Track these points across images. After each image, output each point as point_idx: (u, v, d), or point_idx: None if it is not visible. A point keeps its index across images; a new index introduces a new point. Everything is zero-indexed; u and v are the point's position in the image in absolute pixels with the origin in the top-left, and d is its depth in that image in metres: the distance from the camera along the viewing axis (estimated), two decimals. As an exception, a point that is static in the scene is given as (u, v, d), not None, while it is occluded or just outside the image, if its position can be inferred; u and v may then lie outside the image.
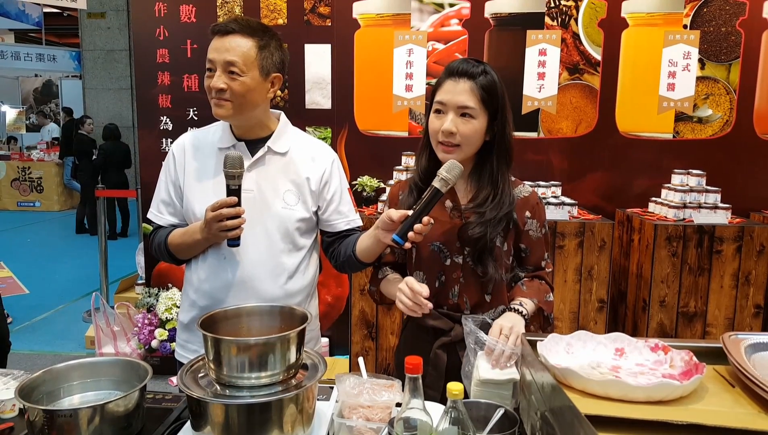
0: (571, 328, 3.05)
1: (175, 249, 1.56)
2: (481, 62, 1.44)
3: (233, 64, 1.44)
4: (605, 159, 3.47)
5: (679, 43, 3.35)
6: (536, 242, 1.52)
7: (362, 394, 1.20)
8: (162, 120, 3.72)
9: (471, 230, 1.43)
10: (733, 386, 1.01)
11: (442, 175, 1.33)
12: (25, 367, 2.64)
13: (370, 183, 3.48)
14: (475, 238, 1.42)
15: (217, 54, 1.45)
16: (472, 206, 1.46)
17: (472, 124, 1.40)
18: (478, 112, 1.40)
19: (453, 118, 1.40)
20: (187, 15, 3.60)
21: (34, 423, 1.07)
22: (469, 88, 1.39)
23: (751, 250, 2.95)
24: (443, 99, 1.41)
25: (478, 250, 1.44)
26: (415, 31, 3.48)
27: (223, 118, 1.50)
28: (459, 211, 1.48)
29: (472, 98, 1.39)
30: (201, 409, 1.07)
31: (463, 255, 1.47)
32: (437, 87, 1.45)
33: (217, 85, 1.44)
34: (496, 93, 1.41)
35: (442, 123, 1.40)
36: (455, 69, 1.41)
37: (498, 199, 1.44)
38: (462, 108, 1.39)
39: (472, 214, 1.45)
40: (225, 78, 1.44)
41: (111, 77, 10.09)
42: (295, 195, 1.55)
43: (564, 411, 0.89)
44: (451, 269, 1.48)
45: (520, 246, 1.52)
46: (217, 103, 1.47)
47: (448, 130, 1.39)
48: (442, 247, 1.47)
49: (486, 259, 1.44)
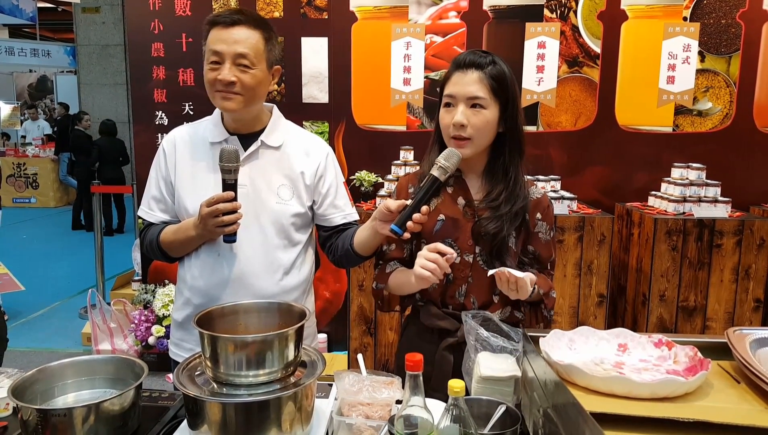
0: (571, 322, 3.04)
1: (167, 246, 1.52)
2: (489, 53, 1.41)
3: (244, 56, 1.41)
4: (605, 153, 3.45)
5: (678, 36, 3.33)
6: (545, 245, 1.50)
7: (362, 392, 1.18)
8: (157, 115, 3.69)
9: (486, 226, 1.40)
10: (738, 382, 0.99)
11: (440, 163, 1.31)
12: (21, 364, 2.62)
13: (368, 178, 3.46)
14: (492, 233, 1.40)
15: (225, 46, 1.40)
16: (485, 203, 1.43)
17: (483, 114, 1.37)
18: (488, 102, 1.37)
19: (463, 109, 1.37)
20: (182, 8, 3.57)
21: (28, 422, 1.05)
22: (478, 78, 1.37)
23: (751, 244, 2.94)
24: (452, 91, 1.39)
25: (496, 246, 1.41)
26: (412, 23, 3.45)
27: (231, 111, 1.46)
28: (472, 209, 1.45)
29: (481, 88, 1.36)
30: (198, 408, 1.06)
31: (474, 253, 1.44)
32: (445, 81, 1.42)
33: (228, 77, 1.40)
34: (507, 83, 1.39)
35: (453, 116, 1.38)
36: (463, 60, 1.39)
37: (511, 191, 1.42)
38: (472, 99, 1.37)
39: (485, 211, 1.43)
40: (235, 70, 1.41)
41: (106, 72, 10.04)
42: (290, 189, 1.53)
43: (567, 408, 0.88)
44: (461, 267, 1.45)
45: (529, 248, 1.49)
46: (226, 97, 1.43)
47: (459, 123, 1.36)
48: (454, 244, 1.45)
49: (504, 254, 1.42)
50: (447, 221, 1.45)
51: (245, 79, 1.42)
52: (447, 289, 1.47)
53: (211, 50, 1.42)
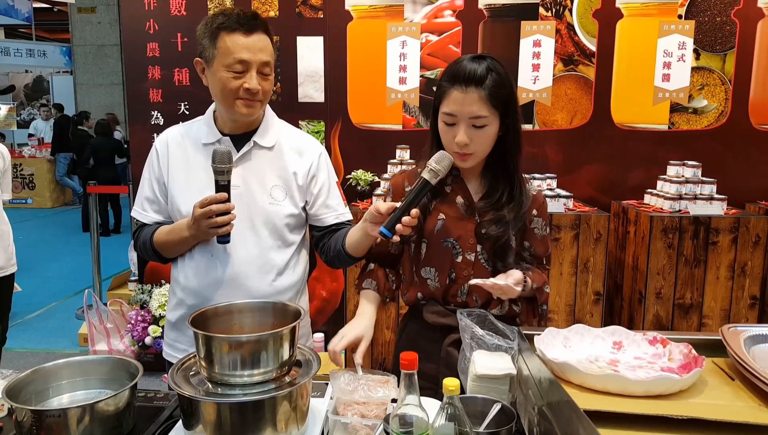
0: (567, 320, 3.04)
1: (161, 247, 1.51)
2: (485, 57, 1.37)
3: (267, 64, 1.42)
4: (600, 151, 3.46)
5: (674, 34, 3.34)
6: (540, 241, 1.50)
7: (357, 391, 1.18)
8: (153, 114, 3.68)
9: (489, 229, 1.41)
10: (732, 379, 0.99)
11: (432, 166, 1.30)
12: (18, 365, 2.62)
13: (365, 177, 3.45)
14: (495, 236, 1.41)
15: (251, 54, 1.39)
16: (486, 204, 1.44)
17: (485, 131, 1.36)
18: (490, 118, 1.35)
19: (465, 129, 1.35)
20: (177, 8, 3.56)
21: (23, 423, 1.05)
22: (479, 97, 1.33)
23: (747, 241, 2.95)
24: (453, 110, 1.35)
25: (499, 249, 1.43)
26: (408, 22, 3.45)
27: (250, 117, 1.48)
28: (473, 209, 1.45)
29: (483, 108, 1.34)
30: (192, 408, 1.05)
31: (476, 252, 1.45)
32: (442, 95, 1.38)
33: (257, 87, 1.40)
34: (506, 90, 1.37)
35: (455, 134, 1.36)
36: (462, 75, 1.34)
37: (517, 198, 1.43)
38: (474, 118, 1.34)
39: (488, 213, 1.43)
40: (259, 78, 1.41)
41: (102, 72, 10.02)
42: (283, 190, 1.52)
43: (562, 406, 0.88)
44: (462, 266, 1.45)
45: (524, 243, 1.50)
46: (249, 104, 1.43)
47: (463, 143, 1.35)
48: (455, 243, 1.45)
49: (507, 256, 1.44)
50: (447, 220, 1.45)
51: (266, 87, 1.43)
52: (449, 288, 1.47)
53: (235, 58, 1.38)
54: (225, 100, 1.44)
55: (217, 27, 1.40)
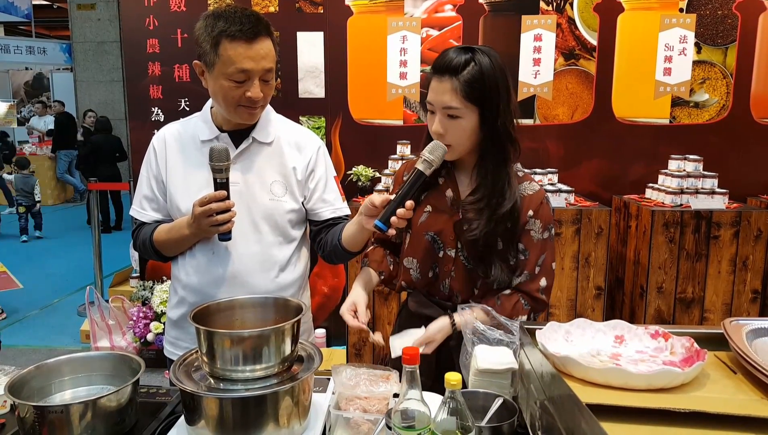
0: (569, 315, 3.04)
1: (161, 246, 1.50)
2: (470, 49, 1.34)
3: (270, 70, 1.39)
4: (602, 145, 3.45)
5: (675, 27, 3.33)
6: (536, 244, 1.41)
7: (359, 386, 1.18)
8: (153, 111, 3.68)
9: (467, 229, 1.38)
10: (734, 372, 0.99)
11: (425, 157, 1.29)
12: (20, 362, 2.62)
13: (365, 172, 3.45)
14: (471, 240, 1.37)
15: (254, 63, 1.35)
16: (469, 202, 1.40)
17: (458, 123, 1.34)
18: (463, 111, 1.32)
19: (440, 119, 1.35)
20: (177, 4, 3.55)
21: (25, 419, 1.05)
22: (450, 87, 1.31)
23: (749, 235, 2.94)
24: (430, 99, 1.36)
25: (479, 251, 1.39)
26: (408, 17, 3.44)
27: (251, 122, 1.47)
28: (458, 204, 1.43)
29: (454, 98, 1.32)
30: (195, 404, 1.06)
31: (456, 249, 1.43)
32: (428, 83, 1.39)
33: (258, 95, 1.38)
34: (484, 85, 1.31)
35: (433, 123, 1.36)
36: (438, 64, 1.34)
37: (497, 197, 1.37)
38: (446, 108, 1.33)
39: (469, 212, 1.40)
40: (260, 85, 1.39)
41: (102, 69, 9.99)
42: (283, 186, 1.51)
43: (564, 400, 0.88)
44: (444, 262, 1.45)
45: (519, 246, 1.42)
46: (252, 112, 1.42)
47: (437, 132, 1.35)
48: (436, 237, 1.44)
49: (489, 259, 1.39)
50: (432, 213, 1.44)
51: (267, 92, 1.42)
52: (432, 283, 1.47)
53: (237, 68, 1.34)
54: (226, 106, 1.42)
55: (219, 33, 1.34)
